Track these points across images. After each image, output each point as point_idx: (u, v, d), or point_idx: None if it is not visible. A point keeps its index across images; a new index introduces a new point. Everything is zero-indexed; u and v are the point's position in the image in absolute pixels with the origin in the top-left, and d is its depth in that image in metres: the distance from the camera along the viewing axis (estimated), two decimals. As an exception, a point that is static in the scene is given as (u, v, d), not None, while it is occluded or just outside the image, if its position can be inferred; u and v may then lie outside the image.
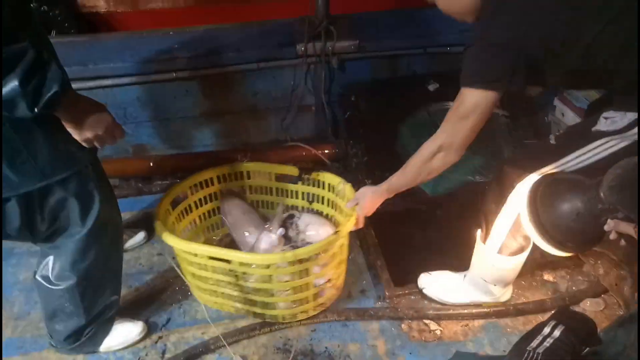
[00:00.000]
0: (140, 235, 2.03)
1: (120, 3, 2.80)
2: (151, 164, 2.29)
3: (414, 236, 2.28)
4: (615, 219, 1.13)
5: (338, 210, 1.86)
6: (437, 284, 1.77)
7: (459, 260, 1.81)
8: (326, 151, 2.41)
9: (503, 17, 1.27)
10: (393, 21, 2.39)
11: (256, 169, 1.97)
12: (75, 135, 1.13)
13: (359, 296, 1.84)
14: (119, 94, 2.20)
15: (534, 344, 1.05)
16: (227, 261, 1.54)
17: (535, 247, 1.46)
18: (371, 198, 1.63)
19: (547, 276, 1.88)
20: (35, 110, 0.99)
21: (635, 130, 1.29)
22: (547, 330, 1.06)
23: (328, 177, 1.86)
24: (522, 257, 1.59)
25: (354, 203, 1.67)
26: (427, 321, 1.71)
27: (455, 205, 2.31)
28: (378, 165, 2.27)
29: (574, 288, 1.82)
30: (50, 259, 1.40)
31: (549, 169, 1.41)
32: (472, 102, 1.33)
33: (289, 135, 2.51)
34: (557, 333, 1.07)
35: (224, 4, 2.88)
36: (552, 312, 1.18)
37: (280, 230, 1.69)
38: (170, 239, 1.55)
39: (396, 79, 2.44)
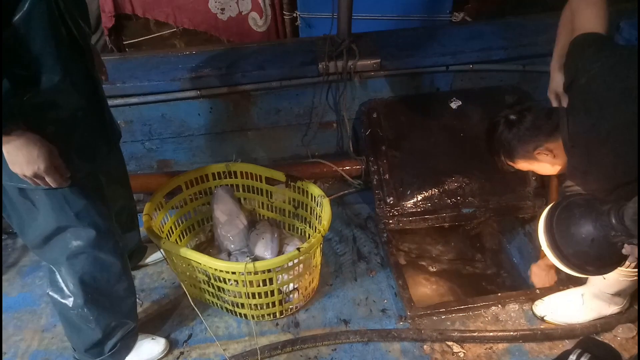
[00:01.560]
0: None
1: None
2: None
3: (438, 254, 2.27)
4: (632, 244, 1.14)
5: (317, 221, 1.92)
6: (558, 309, 1.72)
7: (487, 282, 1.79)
8: (347, 168, 2.41)
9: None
10: (415, 39, 2.40)
11: (247, 170, 2.05)
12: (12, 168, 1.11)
13: (379, 315, 1.82)
14: (145, 111, 2.26)
15: (561, 371, 1.03)
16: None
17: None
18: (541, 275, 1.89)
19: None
20: None
21: None
22: (572, 358, 1.03)
23: (312, 188, 1.91)
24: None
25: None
26: (450, 343, 1.69)
27: (476, 223, 2.30)
28: (399, 183, 2.26)
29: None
30: (57, 275, 1.42)
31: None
32: None
33: (310, 152, 2.53)
34: (583, 362, 1.04)
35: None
36: (579, 339, 1.15)
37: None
38: (153, 235, 1.67)
39: (418, 96, 2.44)
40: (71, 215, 1.28)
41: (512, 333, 1.67)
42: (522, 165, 1.61)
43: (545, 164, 1.56)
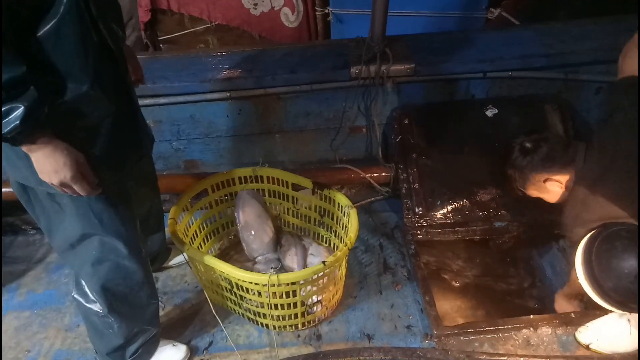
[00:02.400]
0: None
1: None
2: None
3: (468, 268, 2.19)
4: None
5: (343, 231, 1.88)
6: (606, 336, 1.61)
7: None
8: (375, 175, 2.35)
9: None
10: (451, 44, 2.31)
11: (274, 175, 2.02)
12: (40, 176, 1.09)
13: (404, 332, 1.76)
14: (174, 112, 2.25)
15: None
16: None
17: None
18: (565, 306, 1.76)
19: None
20: None
21: None
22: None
23: (340, 197, 1.86)
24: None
25: None
26: (477, 367, 1.61)
27: (509, 238, 2.20)
28: (430, 193, 2.19)
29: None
30: (82, 280, 1.41)
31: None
32: None
33: (338, 156, 2.48)
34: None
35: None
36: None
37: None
38: (177, 240, 1.67)
39: (452, 103, 2.35)
40: (95, 222, 1.26)
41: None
42: (531, 191, 1.66)
43: (554, 193, 1.59)
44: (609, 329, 1.63)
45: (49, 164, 1.06)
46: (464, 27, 2.93)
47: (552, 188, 1.58)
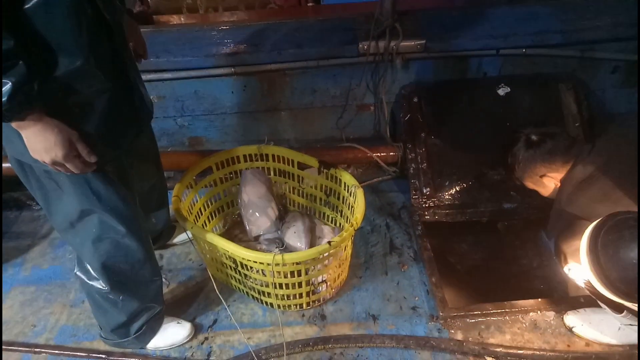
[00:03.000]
0: (191, 231, 2.02)
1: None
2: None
3: (474, 251, 2.16)
4: None
5: (349, 211, 1.85)
6: (591, 323, 1.62)
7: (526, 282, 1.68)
8: (382, 154, 2.30)
9: None
10: (463, 20, 2.23)
11: (279, 154, 1.99)
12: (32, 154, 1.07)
13: (410, 313, 1.75)
14: (177, 87, 2.20)
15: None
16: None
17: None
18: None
19: None
20: None
21: None
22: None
23: (346, 177, 1.83)
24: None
25: None
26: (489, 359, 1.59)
27: (518, 220, 2.17)
28: (438, 173, 2.15)
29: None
30: (83, 258, 1.40)
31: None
32: None
33: (345, 135, 2.43)
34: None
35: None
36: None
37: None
38: (181, 218, 1.64)
39: (463, 81, 2.29)
40: (94, 199, 1.24)
41: (562, 354, 1.56)
42: (528, 183, 1.69)
43: (548, 188, 1.62)
44: (598, 319, 1.61)
45: (39, 142, 1.02)
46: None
47: (548, 183, 1.61)
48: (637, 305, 1.24)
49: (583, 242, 1.26)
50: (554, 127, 1.71)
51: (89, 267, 1.40)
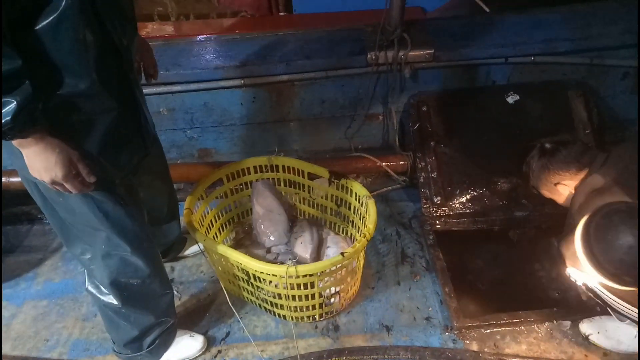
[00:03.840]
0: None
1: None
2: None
3: (486, 261, 2.14)
4: None
5: (361, 222, 1.84)
6: (607, 331, 1.61)
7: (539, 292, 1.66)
8: (392, 163, 2.30)
9: None
10: (471, 28, 2.23)
11: (289, 164, 1.98)
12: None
13: (423, 323, 1.73)
14: (187, 100, 2.21)
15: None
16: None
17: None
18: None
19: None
20: None
21: None
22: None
23: (357, 187, 1.82)
24: None
25: None
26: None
27: (530, 228, 2.15)
28: (448, 182, 2.14)
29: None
30: (93, 274, 1.40)
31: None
32: None
33: (354, 145, 2.43)
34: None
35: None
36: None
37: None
38: (193, 230, 1.64)
39: (472, 89, 2.29)
40: (101, 217, 1.24)
41: None
42: (544, 191, 1.69)
43: (563, 196, 1.62)
44: (612, 327, 1.60)
45: (39, 162, 1.02)
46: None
47: (563, 191, 1.61)
48: (624, 286, 1.27)
49: (578, 230, 1.32)
50: (567, 135, 1.72)
51: (98, 283, 1.39)
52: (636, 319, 1.35)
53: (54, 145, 1.02)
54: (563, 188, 1.58)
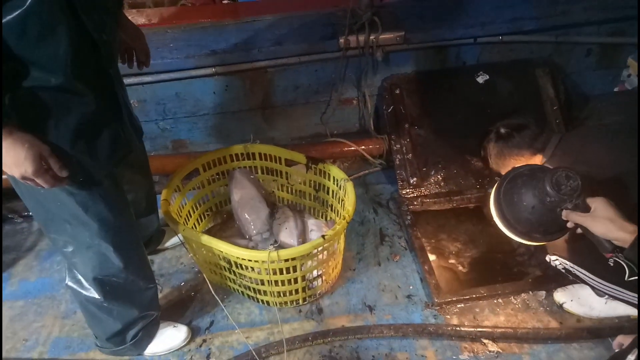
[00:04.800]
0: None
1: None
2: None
3: (462, 237, 2.19)
4: (566, 209, 1.21)
5: (340, 205, 1.86)
6: (579, 299, 1.67)
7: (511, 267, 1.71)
8: (368, 147, 2.32)
9: None
10: (440, 10, 2.26)
11: (266, 152, 1.98)
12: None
13: (405, 301, 1.77)
14: (159, 90, 2.18)
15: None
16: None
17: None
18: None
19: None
20: None
21: None
22: (631, 358, 0.97)
23: (334, 171, 1.84)
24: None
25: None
26: (486, 341, 1.62)
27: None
28: (423, 163, 2.17)
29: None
30: (74, 267, 1.38)
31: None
32: None
33: (329, 130, 2.44)
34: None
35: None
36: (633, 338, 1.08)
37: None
38: (171, 221, 1.62)
39: (443, 70, 2.32)
40: (81, 211, 1.21)
41: (557, 332, 1.60)
42: (502, 173, 1.74)
43: None
44: (585, 295, 1.67)
45: (9, 157, 0.99)
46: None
47: None
48: (534, 243, 1.40)
49: (491, 195, 1.43)
50: (524, 118, 1.77)
51: (80, 277, 1.37)
52: (614, 295, 1.41)
53: (24, 140, 0.99)
54: None
